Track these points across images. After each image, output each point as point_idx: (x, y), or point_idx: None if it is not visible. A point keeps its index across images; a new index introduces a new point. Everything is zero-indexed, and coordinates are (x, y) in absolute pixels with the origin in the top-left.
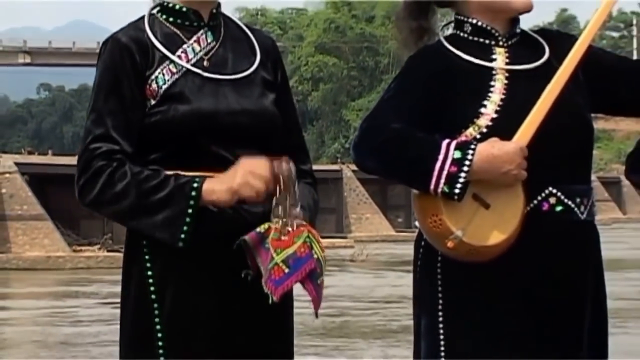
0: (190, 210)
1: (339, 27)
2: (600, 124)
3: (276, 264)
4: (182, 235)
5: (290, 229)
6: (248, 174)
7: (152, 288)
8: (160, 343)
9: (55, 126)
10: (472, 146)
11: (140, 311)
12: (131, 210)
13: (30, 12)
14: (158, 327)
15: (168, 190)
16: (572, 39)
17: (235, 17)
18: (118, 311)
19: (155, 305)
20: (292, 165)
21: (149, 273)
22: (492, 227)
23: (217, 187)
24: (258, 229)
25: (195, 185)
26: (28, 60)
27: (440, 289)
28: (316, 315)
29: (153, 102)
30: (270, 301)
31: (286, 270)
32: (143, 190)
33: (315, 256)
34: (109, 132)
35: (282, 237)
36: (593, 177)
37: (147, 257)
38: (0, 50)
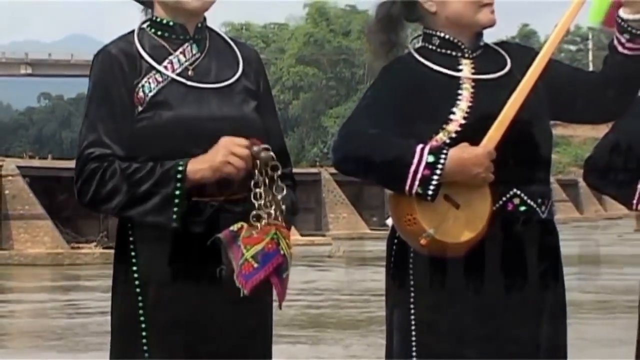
0: (178, 192)
1: (317, 41)
2: (559, 130)
3: (246, 260)
4: (174, 216)
5: (260, 226)
6: (229, 153)
7: (136, 282)
8: (144, 333)
9: (54, 132)
10: (444, 151)
11: (126, 304)
12: (125, 203)
13: (31, 27)
14: (142, 318)
15: (156, 177)
16: (531, 52)
17: (221, 31)
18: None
19: (140, 298)
20: (270, 152)
21: (134, 268)
22: (462, 226)
23: (200, 166)
24: (232, 227)
25: (180, 168)
26: (29, 71)
27: (412, 283)
28: (280, 306)
29: (140, 108)
30: (241, 295)
31: (255, 265)
32: (133, 182)
33: (282, 252)
34: (101, 138)
35: (253, 234)
36: (552, 179)
37: (132, 253)
38: (3, 62)
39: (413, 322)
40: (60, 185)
